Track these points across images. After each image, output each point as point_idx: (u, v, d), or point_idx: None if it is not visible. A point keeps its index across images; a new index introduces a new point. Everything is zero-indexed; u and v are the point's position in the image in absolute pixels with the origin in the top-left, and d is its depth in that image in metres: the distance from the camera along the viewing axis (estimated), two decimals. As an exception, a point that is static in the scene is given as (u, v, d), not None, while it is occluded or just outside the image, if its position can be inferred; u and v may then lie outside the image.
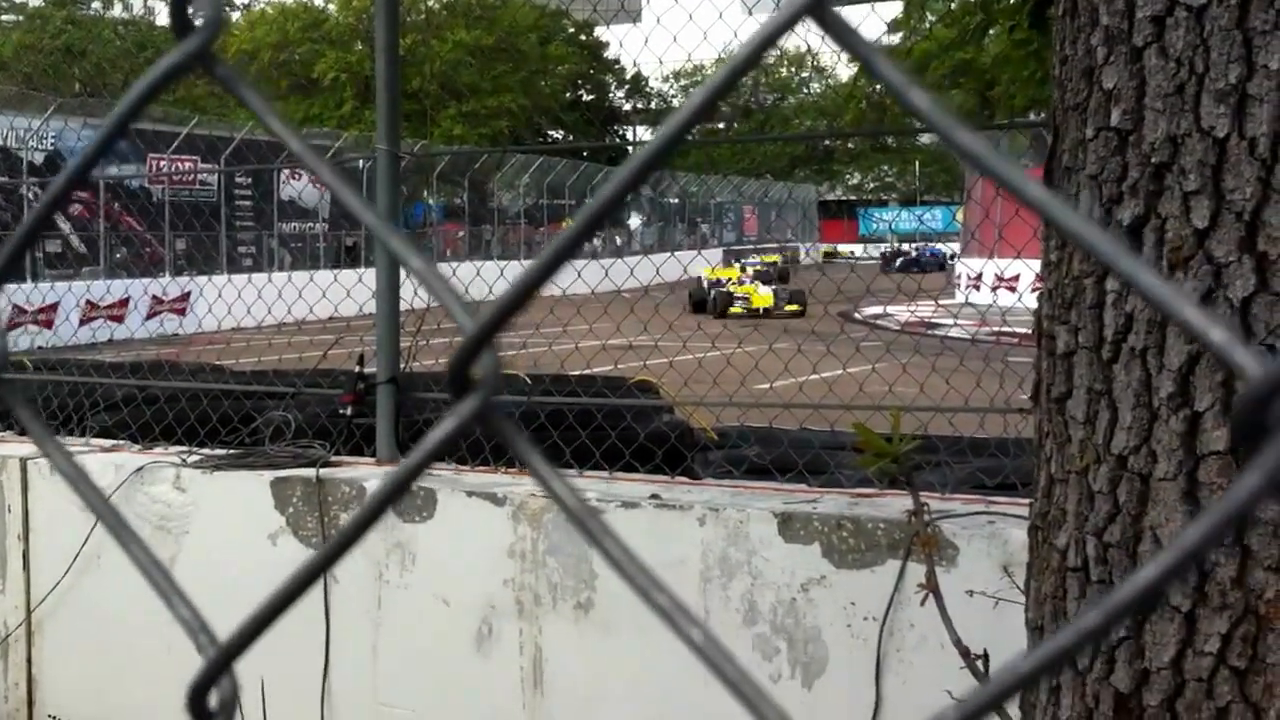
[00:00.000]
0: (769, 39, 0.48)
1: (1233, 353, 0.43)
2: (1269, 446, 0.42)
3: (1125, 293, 1.76)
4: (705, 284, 25.03)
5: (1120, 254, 0.44)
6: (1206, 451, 1.71)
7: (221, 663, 0.60)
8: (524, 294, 0.52)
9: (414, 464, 0.56)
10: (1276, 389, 0.42)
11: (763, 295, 25.21)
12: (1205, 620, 1.72)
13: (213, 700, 0.61)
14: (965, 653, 2.34)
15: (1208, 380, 1.70)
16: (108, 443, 4.87)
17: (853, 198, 63.14)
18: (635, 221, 44.56)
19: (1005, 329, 4.49)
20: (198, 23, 0.61)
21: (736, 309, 23.57)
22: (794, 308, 22.68)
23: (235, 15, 51.95)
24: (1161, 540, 1.74)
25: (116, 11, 47.51)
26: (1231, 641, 1.71)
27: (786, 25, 0.47)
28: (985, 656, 2.36)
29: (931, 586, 2.53)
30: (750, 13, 4.50)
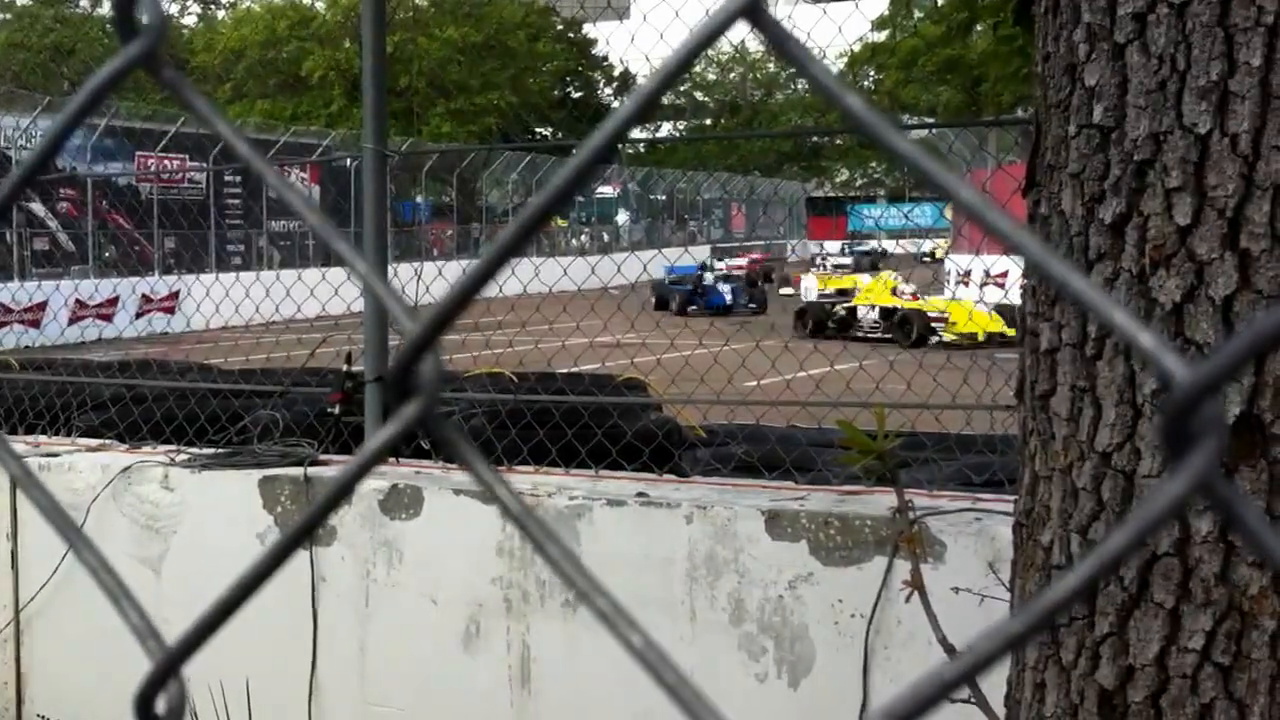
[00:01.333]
0: (702, 44, 0.47)
1: (1161, 357, 0.43)
2: (1195, 451, 0.42)
3: (1109, 289, 1.77)
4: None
5: (1051, 259, 0.44)
6: (1190, 448, 1.71)
7: (168, 667, 0.59)
8: (463, 299, 0.51)
9: (355, 469, 0.56)
10: (1203, 394, 0.42)
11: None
12: (1189, 616, 1.72)
13: (160, 705, 0.60)
14: (950, 650, 2.35)
15: (1191, 377, 1.71)
16: (95, 442, 4.86)
17: (839, 194, 63.21)
18: (623, 218, 44.55)
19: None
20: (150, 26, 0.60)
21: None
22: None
23: (221, 14, 51.85)
24: (1146, 538, 1.75)
25: (105, 10, 47.32)
26: (1216, 638, 1.72)
27: (720, 29, 0.47)
28: (971, 653, 2.36)
29: (916, 584, 2.53)
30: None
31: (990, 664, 0.44)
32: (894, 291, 21.31)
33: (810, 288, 24.82)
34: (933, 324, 19.10)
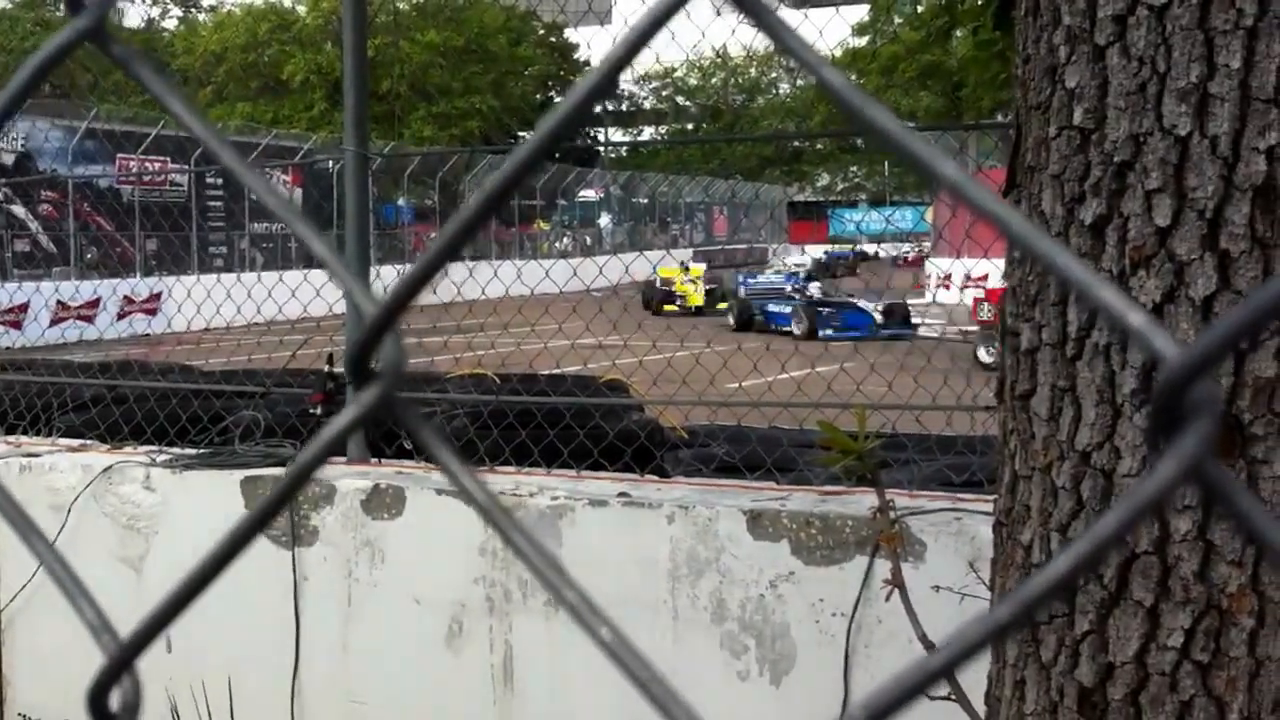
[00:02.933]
0: (664, 16, 0.46)
1: (1151, 337, 0.42)
2: (1186, 433, 0.41)
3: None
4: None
5: (1037, 236, 0.43)
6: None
7: (121, 662, 0.58)
8: (424, 278, 0.50)
9: (311, 457, 0.54)
10: (1194, 374, 0.41)
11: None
12: (1168, 614, 1.74)
13: (114, 701, 0.59)
14: (930, 647, 2.36)
15: (1170, 376, 1.72)
16: (76, 442, 4.84)
17: (819, 199, 63.27)
18: (605, 221, 44.55)
19: (968, 328, 4.51)
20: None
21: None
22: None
23: (203, 16, 51.66)
24: (1125, 537, 1.76)
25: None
26: (1195, 636, 1.73)
27: (677, 4, 0.46)
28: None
29: (897, 582, 2.55)
30: (719, 13, 4.51)
31: (975, 652, 0.43)
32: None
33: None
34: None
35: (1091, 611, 1.79)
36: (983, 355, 9.52)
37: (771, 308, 21.97)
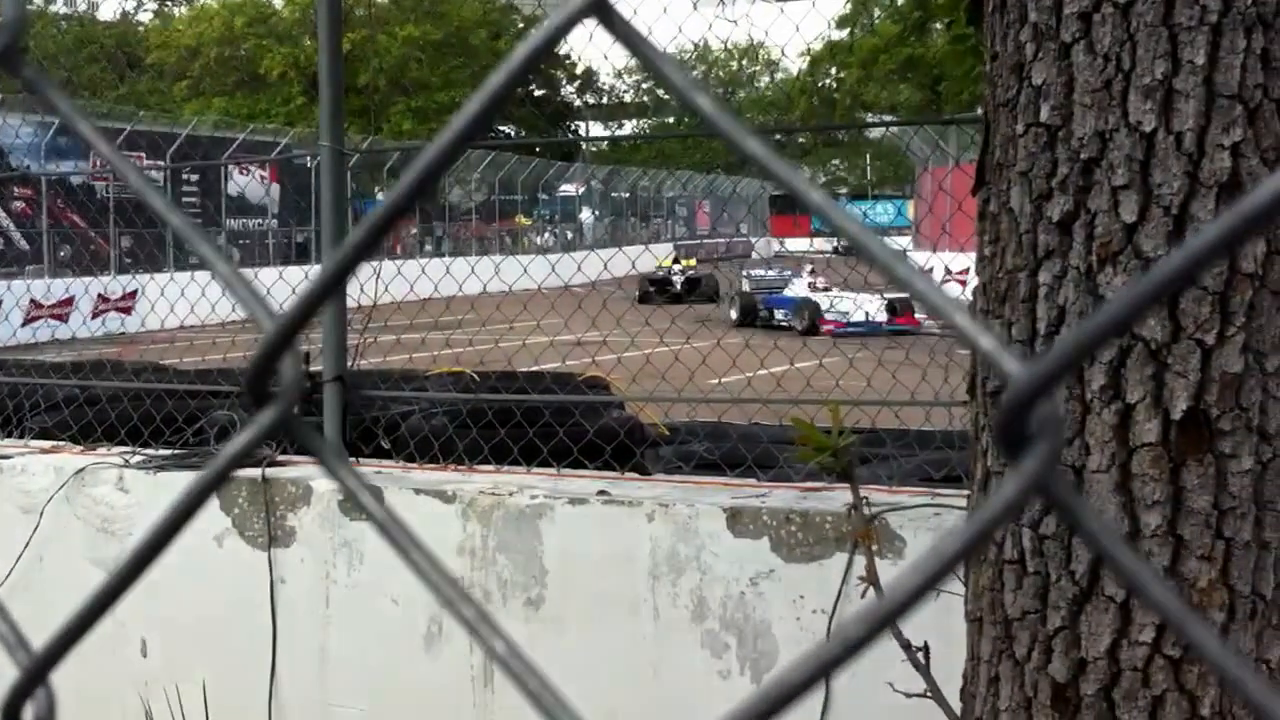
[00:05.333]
0: (549, 42, 0.46)
1: (1000, 359, 0.42)
2: (1031, 453, 0.42)
3: (1057, 286, 1.78)
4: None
5: (896, 261, 0.44)
6: (1138, 443, 1.73)
7: (34, 675, 0.58)
8: (318, 301, 0.49)
9: (207, 479, 0.54)
10: (1037, 393, 0.41)
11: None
12: (1140, 610, 1.74)
13: (28, 714, 0.59)
14: (906, 645, 2.36)
15: (1138, 373, 1.73)
16: (48, 444, 4.80)
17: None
18: (586, 216, 44.51)
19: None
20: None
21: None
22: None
23: (179, 10, 51.38)
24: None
25: (59, 8, 46.82)
26: (1166, 631, 1.74)
27: (566, 27, 0.46)
28: (925, 649, 2.37)
29: (872, 579, 2.55)
30: (695, 7, 4.50)
31: (829, 671, 0.43)
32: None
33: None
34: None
35: (1064, 608, 1.79)
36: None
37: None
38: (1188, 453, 1.72)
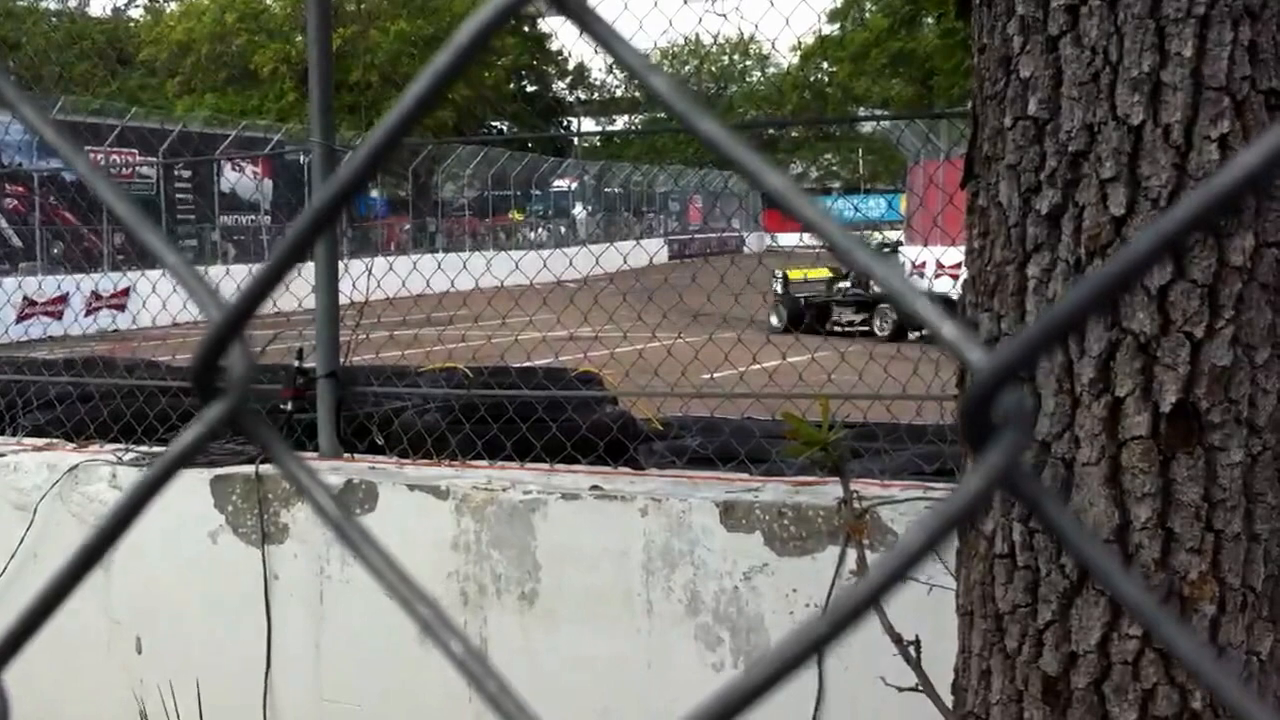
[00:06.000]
0: (493, 25, 0.45)
1: (963, 349, 0.42)
2: (995, 445, 0.41)
3: (1046, 279, 1.79)
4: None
5: (857, 249, 0.43)
6: (1128, 437, 1.74)
7: None
8: (263, 291, 0.48)
9: (155, 474, 0.52)
10: (1001, 383, 0.40)
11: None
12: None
13: None
14: (897, 639, 2.37)
15: (1128, 366, 1.73)
16: (41, 441, 4.80)
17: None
18: (579, 211, 44.47)
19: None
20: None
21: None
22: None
23: (170, 6, 51.23)
24: (1085, 525, 1.77)
25: (51, 4, 46.69)
26: (1157, 623, 1.74)
27: (511, 9, 0.45)
28: (916, 643, 2.38)
29: (862, 574, 2.55)
30: (685, 1, 4.50)
31: (792, 670, 0.43)
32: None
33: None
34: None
35: (1054, 601, 1.80)
36: None
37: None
38: (1177, 446, 1.72)
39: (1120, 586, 0.42)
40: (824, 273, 19.64)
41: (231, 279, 5.86)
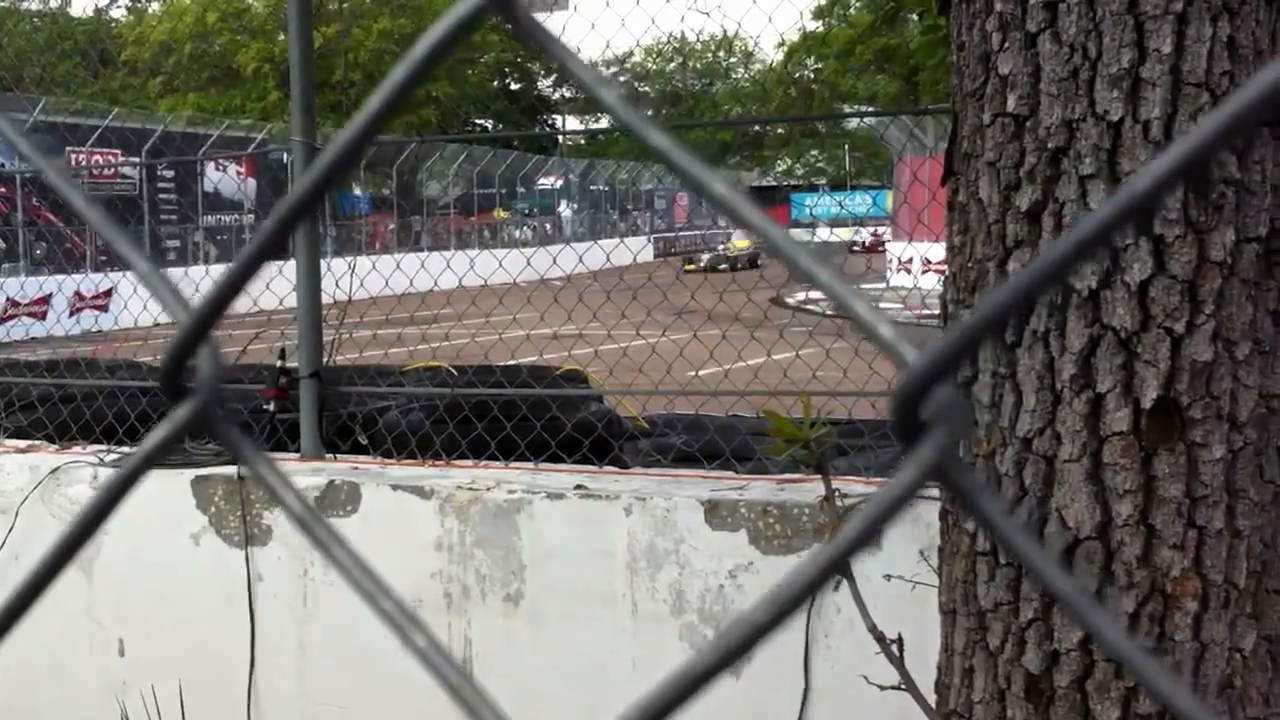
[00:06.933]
0: (451, 36, 0.45)
1: (899, 347, 0.42)
2: (927, 440, 0.41)
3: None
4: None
5: (797, 251, 0.43)
6: (1109, 433, 1.73)
7: None
8: (232, 291, 0.48)
9: (123, 475, 0.52)
10: (935, 377, 0.41)
11: None
12: (1112, 600, 1.74)
13: None
14: (880, 638, 2.36)
15: (1108, 363, 1.73)
16: (23, 443, 4.77)
17: (774, 183, 63.24)
18: (565, 210, 44.44)
19: (928, 312, 4.53)
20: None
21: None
22: None
23: (152, 6, 51.03)
24: (1067, 522, 1.77)
25: (32, 4, 46.46)
26: (1139, 620, 1.74)
27: (469, 23, 0.45)
28: (899, 641, 2.38)
29: (845, 573, 2.54)
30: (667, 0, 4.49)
31: (736, 658, 0.44)
32: None
33: None
34: None
35: (1036, 599, 1.79)
36: None
37: None
38: (1159, 442, 1.72)
39: (1051, 579, 0.43)
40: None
41: (212, 279, 5.82)
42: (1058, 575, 0.42)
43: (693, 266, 21.55)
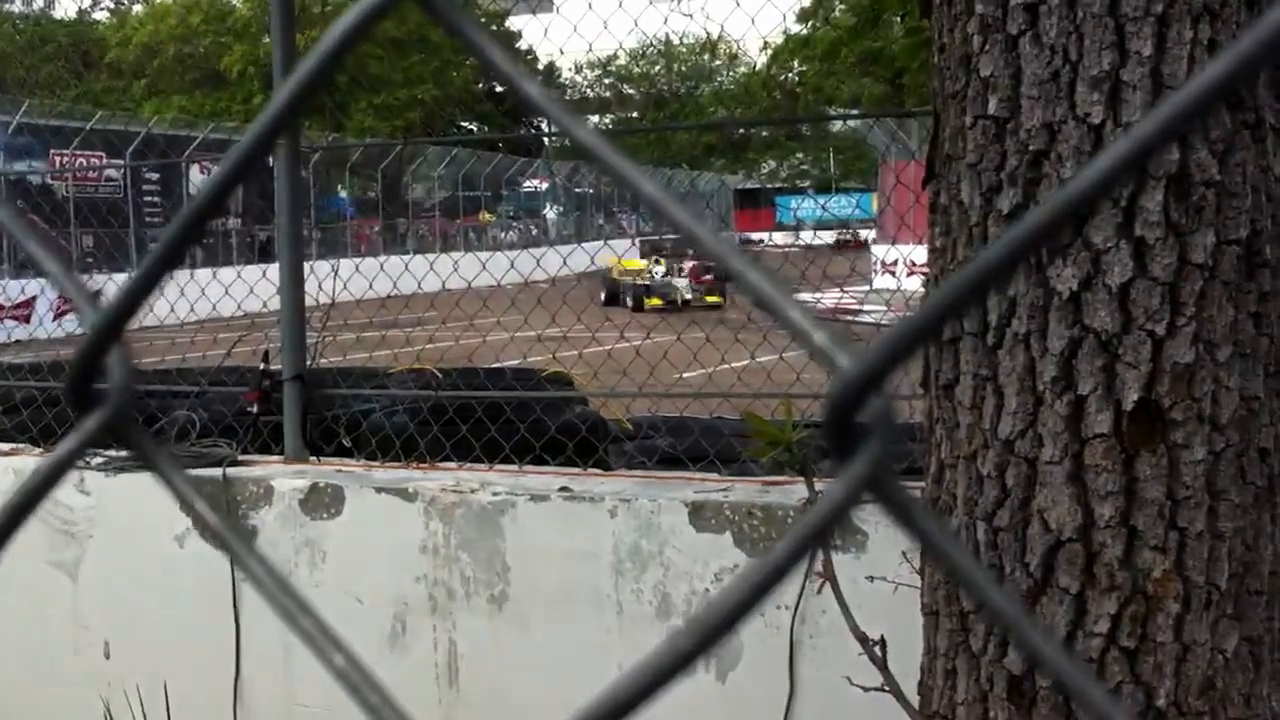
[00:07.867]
0: (365, 23, 0.44)
1: (833, 354, 0.41)
2: (860, 452, 0.41)
3: (1010, 279, 1.79)
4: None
5: (729, 253, 0.43)
6: (1091, 435, 1.74)
7: None
8: (140, 294, 0.47)
9: (33, 486, 0.51)
10: (868, 387, 0.40)
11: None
12: (1094, 601, 1.75)
13: None
14: (862, 639, 2.37)
15: (1089, 365, 1.73)
16: (7, 446, 4.75)
17: (758, 185, 63.30)
18: (550, 213, 44.41)
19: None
20: None
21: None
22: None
23: (136, 8, 50.86)
24: (1049, 524, 1.77)
25: (15, 6, 46.28)
26: (1121, 621, 1.74)
27: (382, 10, 0.44)
28: (882, 642, 2.38)
29: (828, 575, 2.55)
30: (650, 2, 4.49)
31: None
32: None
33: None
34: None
35: (1019, 600, 1.80)
36: None
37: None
38: (1140, 444, 1.72)
39: (986, 593, 0.42)
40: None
41: (196, 283, 5.83)
42: (993, 588, 0.42)
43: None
